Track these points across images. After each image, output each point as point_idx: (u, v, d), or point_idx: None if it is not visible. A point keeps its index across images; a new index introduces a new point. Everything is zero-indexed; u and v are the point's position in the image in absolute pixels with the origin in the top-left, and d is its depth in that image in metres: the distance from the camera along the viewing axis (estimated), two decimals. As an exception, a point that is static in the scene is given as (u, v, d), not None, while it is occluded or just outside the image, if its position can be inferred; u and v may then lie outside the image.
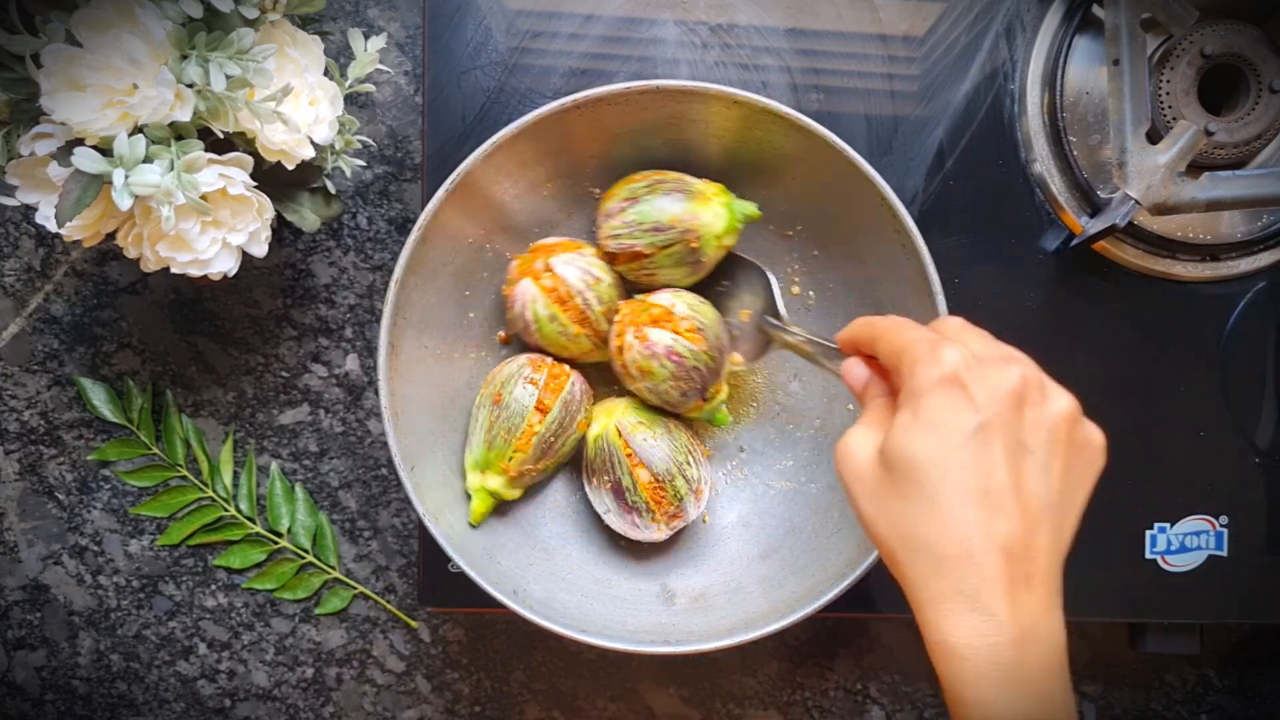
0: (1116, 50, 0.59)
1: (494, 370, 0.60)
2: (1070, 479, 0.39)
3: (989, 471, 0.37)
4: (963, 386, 0.38)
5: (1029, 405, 0.39)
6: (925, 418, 0.39)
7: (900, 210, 0.55)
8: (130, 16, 0.50)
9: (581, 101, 0.55)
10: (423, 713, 0.72)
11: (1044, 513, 0.38)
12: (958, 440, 0.38)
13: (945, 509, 0.37)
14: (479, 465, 0.59)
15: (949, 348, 0.40)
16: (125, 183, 0.50)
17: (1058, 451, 0.39)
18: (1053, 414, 0.39)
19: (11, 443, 0.70)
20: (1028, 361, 0.41)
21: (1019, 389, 0.39)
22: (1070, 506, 0.40)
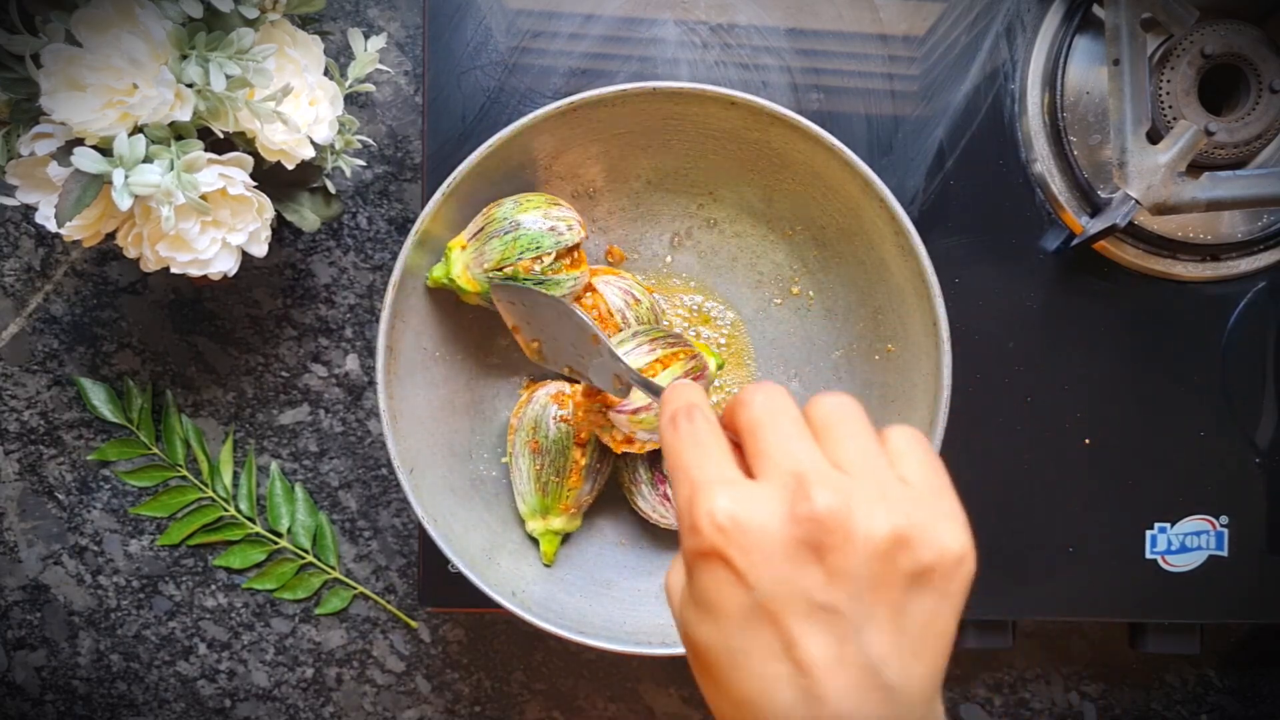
0: (1117, 50, 0.59)
1: (515, 413, 0.60)
2: (910, 618, 0.31)
3: (784, 652, 0.30)
4: (724, 559, 0.31)
5: (826, 552, 0.30)
6: (698, 597, 0.32)
7: (900, 211, 0.55)
8: (130, 16, 0.50)
9: (581, 103, 0.55)
10: (423, 713, 0.72)
11: (873, 676, 0.31)
12: (736, 625, 0.31)
13: (747, 701, 0.31)
14: (538, 512, 0.59)
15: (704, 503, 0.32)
16: (125, 183, 0.50)
17: (879, 598, 0.31)
18: (859, 556, 0.30)
19: (11, 443, 0.70)
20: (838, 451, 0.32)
21: (805, 539, 0.30)
22: (920, 645, 0.32)
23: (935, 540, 0.31)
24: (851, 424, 0.33)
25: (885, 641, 0.31)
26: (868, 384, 0.60)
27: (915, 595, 0.31)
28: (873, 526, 0.31)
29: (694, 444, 0.34)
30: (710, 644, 0.32)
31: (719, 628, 0.32)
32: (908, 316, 0.57)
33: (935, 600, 0.31)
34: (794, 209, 0.60)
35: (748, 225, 0.62)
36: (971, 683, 0.73)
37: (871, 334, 0.60)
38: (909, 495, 0.32)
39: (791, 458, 0.32)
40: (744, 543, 0.31)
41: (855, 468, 0.32)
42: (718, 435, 0.34)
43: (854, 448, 0.33)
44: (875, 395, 0.60)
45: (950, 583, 0.32)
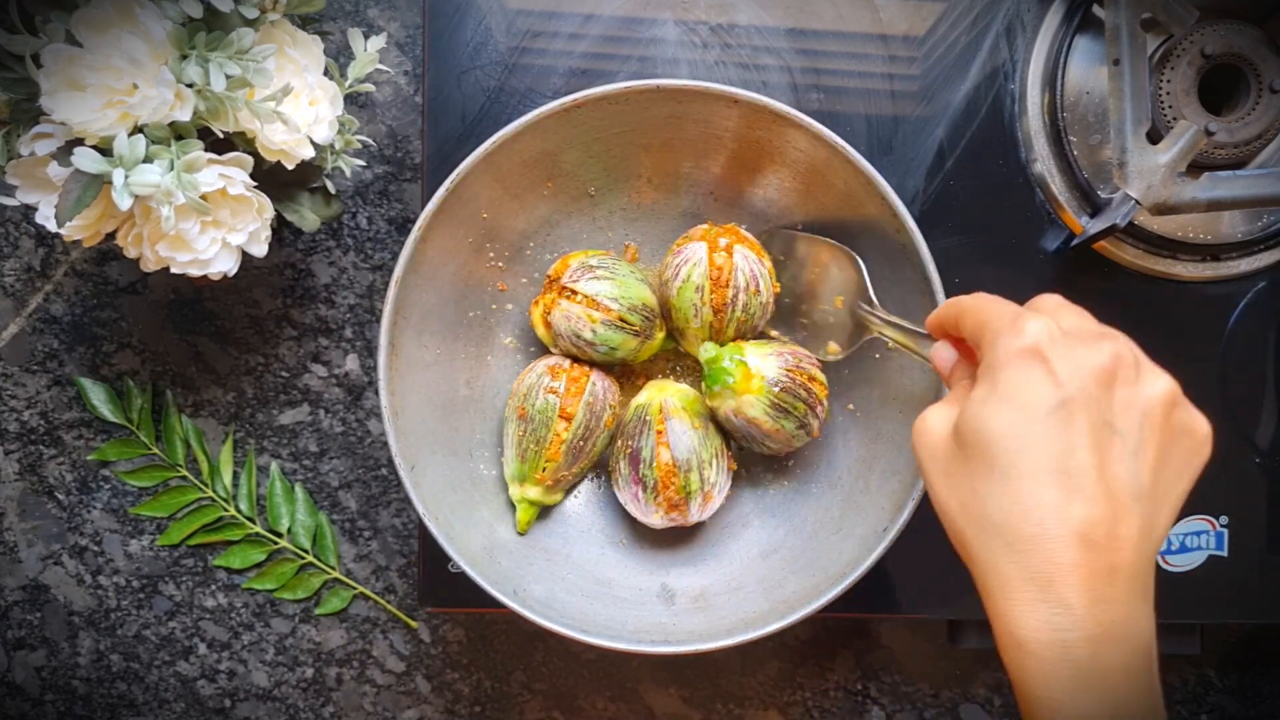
0: (1117, 50, 0.59)
1: (517, 380, 0.61)
2: (1165, 467, 0.37)
3: (1069, 451, 0.35)
4: (1044, 360, 0.36)
5: (1120, 384, 0.36)
6: (1003, 391, 0.36)
7: (900, 210, 0.55)
8: (130, 16, 0.50)
9: (581, 101, 0.55)
10: (423, 713, 0.72)
11: (1131, 500, 0.35)
12: (1037, 415, 0.35)
13: (1019, 488, 0.35)
14: (516, 478, 0.60)
15: (1033, 319, 0.37)
16: (125, 183, 0.50)
17: (1151, 436, 0.36)
18: (1147, 396, 0.37)
19: (11, 443, 0.70)
20: (1125, 340, 0.38)
21: (1109, 366, 0.36)
22: (1164, 497, 0.37)
23: (1195, 413, 0.38)
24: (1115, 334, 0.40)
25: (1147, 475, 0.36)
26: (868, 382, 0.60)
27: (1174, 449, 0.37)
28: (1157, 380, 0.37)
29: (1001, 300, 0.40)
30: (1006, 431, 0.36)
31: (1022, 417, 0.36)
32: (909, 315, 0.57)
33: (1183, 461, 0.37)
34: (795, 208, 0.60)
35: (749, 223, 0.62)
36: (971, 683, 0.73)
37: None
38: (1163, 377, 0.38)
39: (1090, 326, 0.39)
40: (1064, 351, 0.36)
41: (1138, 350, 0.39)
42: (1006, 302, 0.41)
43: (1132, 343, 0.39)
44: (875, 394, 0.60)
45: (1196, 455, 0.38)
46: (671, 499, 0.58)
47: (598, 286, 0.58)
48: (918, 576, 0.64)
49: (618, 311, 0.58)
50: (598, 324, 0.58)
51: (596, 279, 0.58)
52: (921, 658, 0.73)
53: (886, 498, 0.57)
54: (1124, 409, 0.36)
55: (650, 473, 0.57)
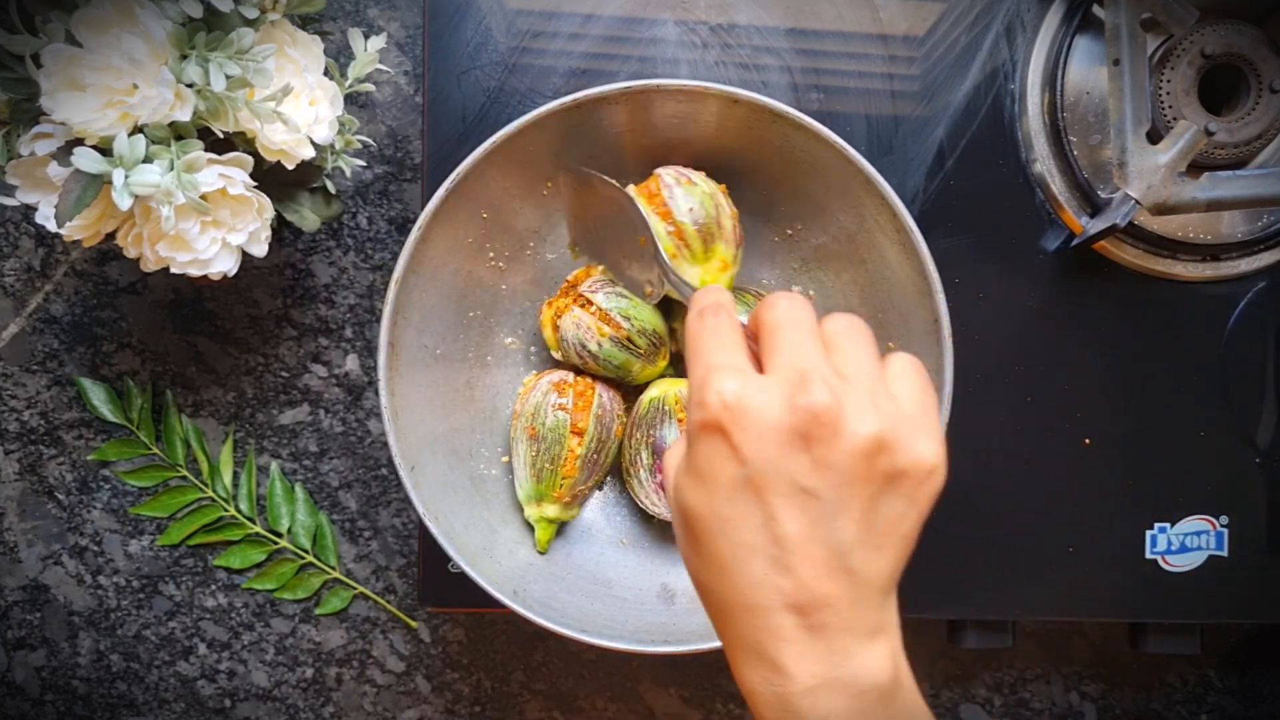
0: (1117, 50, 0.59)
1: (520, 399, 0.61)
2: (880, 514, 0.35)
3: (767, 523, 0.34)
4: (725, 433, 0.34)
5: (815, 443, 0.34)
6: (694, 466, 0.35)
7: (900, 210, 0.55)
8: (130, 16, 0.50)
9: (581, 101, 0.55)
10: (423, 713, 0.72)
11: (837, 559, 0.34)
12: (725, 493, 0.34)
13: (725, 565, 0.35)
14: (533, 498, 0.60)
15: (715, 383, 0.35)
16: (125, 183, 0.50)
17: (855, 491, 0.34)
18: (843, 451, 0.34)
19: (11, 443, 0.70)
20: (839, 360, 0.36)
21: (798, 428, 0.34)
22: (884, 542, 0.35)
23: (912, 449, 0.35)
24: (858, 340, 0.37)
25: (854, 530, 0.34)
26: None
27: (887, 495, 0.35)
28: (859, 427, 0.34)
29: (714, 334, 0.37)
30: (699, 510, 0.35)
31: (710, 495, 0.35)
32: (909, 315, 0.57)
33: (904, 503, 0.35)
34: (795, 207, 0.60)
35: (749, 223, 0.62)
36: (971, 683, 0.73)
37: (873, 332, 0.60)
38: (896, 409, 0.35)
39: (800, 357, 0.36)
40: (744, 422, 0.34)
41: (854, 377, 0.36)
42: (737, 332, 0.38)
43: (856, 360, 0.36)
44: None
45: (919, 489, 0.35)
46: None
47: (613, 302, 0.58)
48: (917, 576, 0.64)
49: (627, 330, 0.58)
50: (605, 339, 0.58)
51: (614, 295, 0.58)
52: (921, 658, 0.73)
53: (886, 498, 0.57)
54: (819, 470, 0.34)
55: None
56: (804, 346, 0.36)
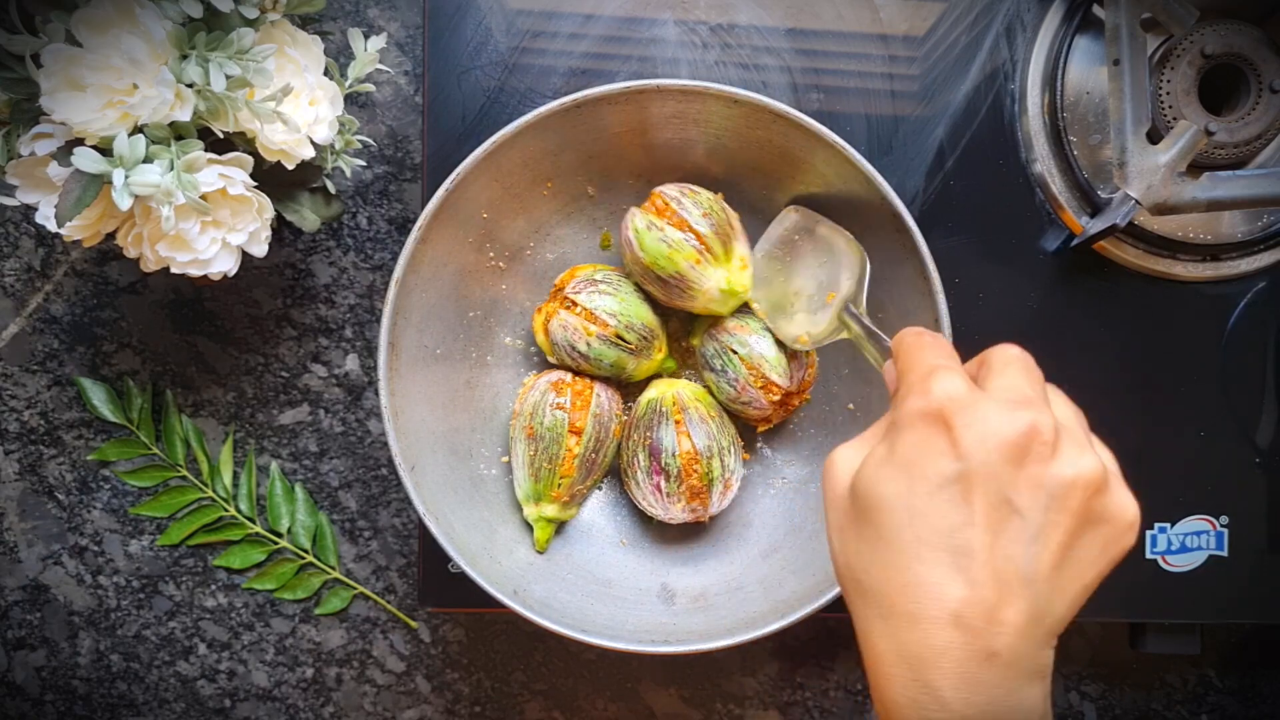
0: (1117, 50, 0.59)
1: (518, 400, 0.61)
2: (1072, 553, 0.33)
3: (959, 528, 0.33)
4: (948, 426, 0.34)
5: (1032, 460, 0.33)
6: (900, 454, 0.34)
7: (900, 210, 0.55)
8: (130, 16, 0.50)
9: (581, 101, 0.55)
10: (423, 713, 0.72)
11: (1021, 585, 0.32)
12: (930, 486, 0.33)
13: (901, 560, 0.33)
14: (531, 498, 0.60)
15: (945, 378, 0.35)
16: (125, 183, 0.50)
17: (1058, 520, 0.33)
18: (1062, 477, 0.33)
19: (11, 443, 0.70)
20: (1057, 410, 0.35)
21: (1021, 439, 0.33)
22: (1068, 585, 0.34)
23: (1121, 498, 0.35)
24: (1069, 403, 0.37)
25: (1048, 561, 0.33)
26: (868, 381, 0.60)
27: (1088, 534, 0.34)
28: (1079, 459, 0.34)
29: (937, 345, 0.38)
30: (894, 501, 0.34)
31: (911, 485, 0.34)
32: (909, 315, 0.57)
33: (1098, 549, 0.34)
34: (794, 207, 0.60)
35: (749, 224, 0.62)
36: (971, 683, 0.73)
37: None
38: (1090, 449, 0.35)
39: (1020, 388, 0.35)
40: (968, 418, 0.33)
41: (1069, 423, 0.35)
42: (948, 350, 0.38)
43: (1068, 415, 0.36)
44: (875, 394, 0.60)
45: (1116, 540, 0.35)
46: (694, 487, 0.58)
47: (599, 301, 0.58)
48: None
49: (614, 328, 0.58)
50: (593, 338, 0.58)
51: (598, 293, 0.58)
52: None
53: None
54: (1030, 488, 0.33)
55: (673, 461, 0.58)
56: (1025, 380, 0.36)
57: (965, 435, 0.33)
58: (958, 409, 0.34)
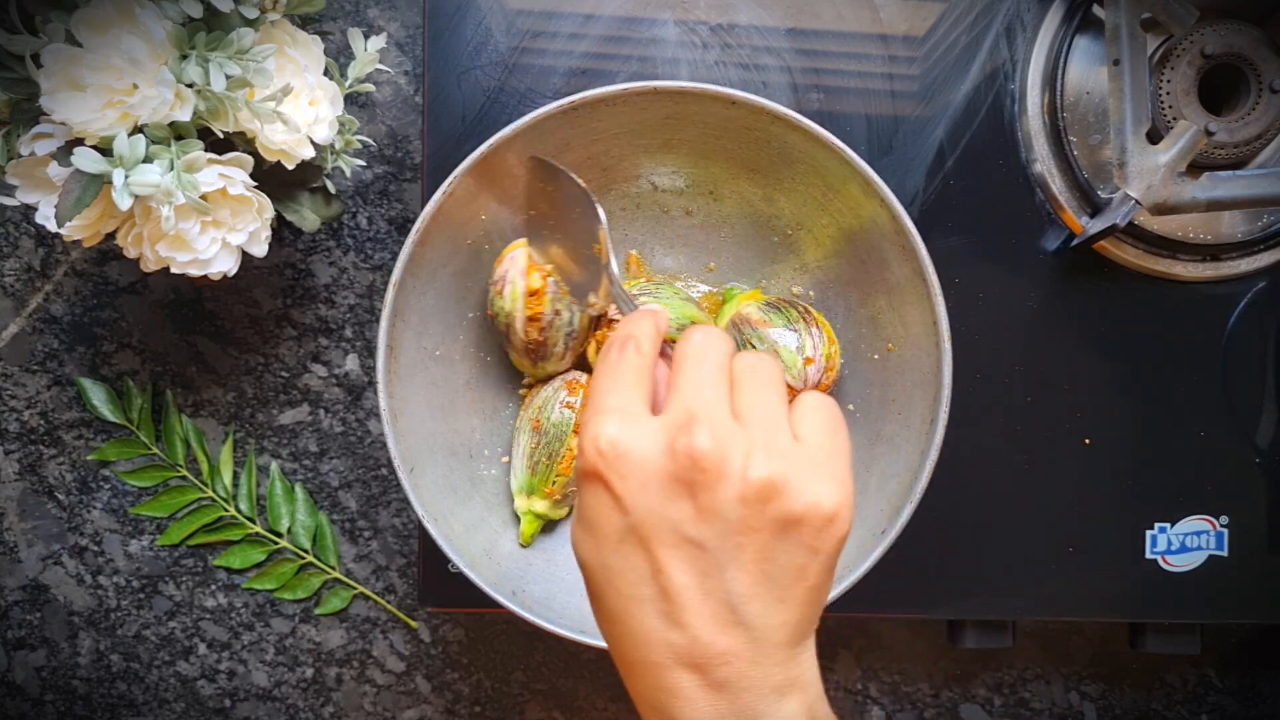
0: (1117, 50, 0.59)
1: (530, 394, 0.61)
2: (777, 564, 0.32)
3: (651, 577, 0.32)
4: (604, 481, 0.33)
5: (699, 489, 0.32)
6: (581, 515, 0.34)
7: (900, 210, 0.55)
8: (130, 16, 0.50)
9: (581, 102, 0.55)
10: (423, 713, 0.72)
11: (731, 612, 0.32)
12: (610, 545, 0.33)
13: (618, 618, 0.33)
14: (524, 490, 0.60)
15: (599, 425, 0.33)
16: (125, 183, 0.50)
17: (745, 541, 0.32)
18: (728, 498, 0.32)
19: (11, 443, 0.70)
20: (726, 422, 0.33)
21: (679, 474, 0.32)
22: (786, 594, 0.33)
23: (808, 494, 0.32)
24: (762, 379, 0.35)
25: (747, 582, 0.32)
26: (867, 383, 0.60)
27: (783, 544, 0.33)
28: (746, 471, 0.32)
29: (612, 373, 0.36)
30: (589, 560, 0.34)
31: (597, 546, 0.34)
32: (908, 316, 0.57)
33: (804, 553, 0.33)
34: (794, 208, 0.60)
35: (748, 225, 0.62)
36: (971, 683, 0.73)
37: (871, 333, 0.60)
38: (795, 451, 0.33)
39: (693, 396, 0.34)
40: (622, 468, 0.33)
41: (751, 417, 0.34)
42: (639, 369, 0.36)
43: (756, 399, 0.34)
44: (875, 394, 0.60)
45: (820, 537, 0.33)
46: None
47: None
48: (918, 576, 0.64)
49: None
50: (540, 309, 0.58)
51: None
52: (921, 658, 0.73)
53: (886, 499, 0.57)
54: (704, 518, 0.32)
55: None
56: (702, 385, 0.34)
57: (624, 487, 0.32)
58: (608, 464, 0.33)
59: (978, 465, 0.64)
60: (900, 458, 0.57)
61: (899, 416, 0.58)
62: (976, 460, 0.64)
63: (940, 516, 0.62)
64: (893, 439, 0.58)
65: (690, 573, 0.32)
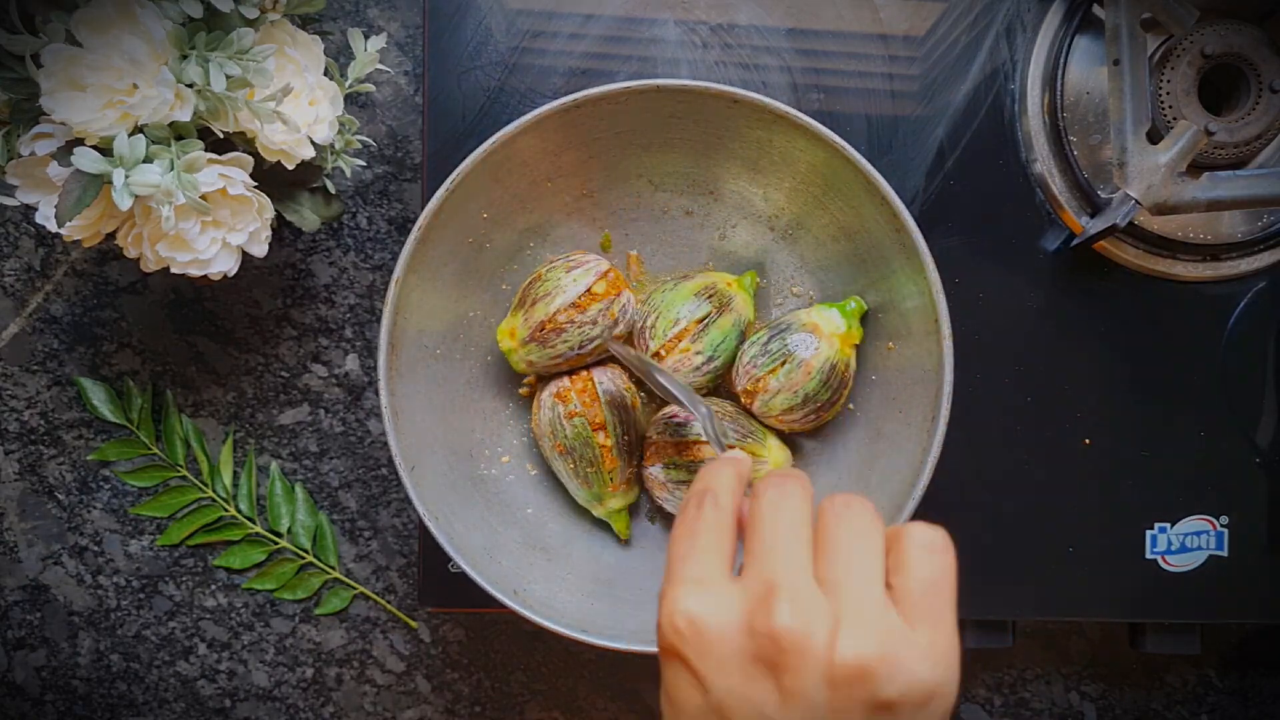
0: (1117, 50, 0.59)
1: (533, 422, 0.61)
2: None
3: None
4: (684, 660, 0.31)
5: (781, 671, 0.30)
6: (665, 689, 0.33)
7: (900, 210, 0.55)
8: (130, 16, 0.50)
9: (581, 101, 0.55)
10: (423, 713, 0.72)
11: None
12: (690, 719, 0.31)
13: None
14: (593, 500, 0.60)
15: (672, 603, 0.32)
16: (125, 183, 0.50)
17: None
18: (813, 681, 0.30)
19: (11, 443, 0.70)
20: (811, 594, 0.31)
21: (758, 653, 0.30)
22: None
23: (903, 674, 0.30)
24: (856, 533, 0.32)
25: None
26: (867, 382, 0.60)
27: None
28: (833, 652, 0.30)
29: (690, 535, 0.34)
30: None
31: (677, 718, 0.32)
32: (909, 315, 0.57)
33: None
34: (795, 208, 0.60)
35: (749, 224, 0.62)
36: (971, 683, 0.73)
37: (872, 333, 0.60)
38: (888, 620, 0.31)
39: (773, 565, 0.32)
40: (700, 647, 0.31)
41: (840, 585, 0.31)
42: (719, 530, 0.34)
43: (846, 561, 0.32)
44: (876, 394, 0.60)
45: (918, 717, 0.30)
46: None
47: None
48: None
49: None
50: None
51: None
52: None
53: (887, 498, 0.57)
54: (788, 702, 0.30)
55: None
56: (780, 550, 0.32)
57: (704, 667, 0.31)
58: (686, 642, 0.31)
59: (977, 465, 0.64)
60: (901, 456, 0.57)
61: (900, 415, 0.58)
62: (976, 460, 0.64)
63: (940, 516, 0.62)
64: (894, 438, 0.58)
65: None
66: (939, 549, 0.33)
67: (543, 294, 0.58)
